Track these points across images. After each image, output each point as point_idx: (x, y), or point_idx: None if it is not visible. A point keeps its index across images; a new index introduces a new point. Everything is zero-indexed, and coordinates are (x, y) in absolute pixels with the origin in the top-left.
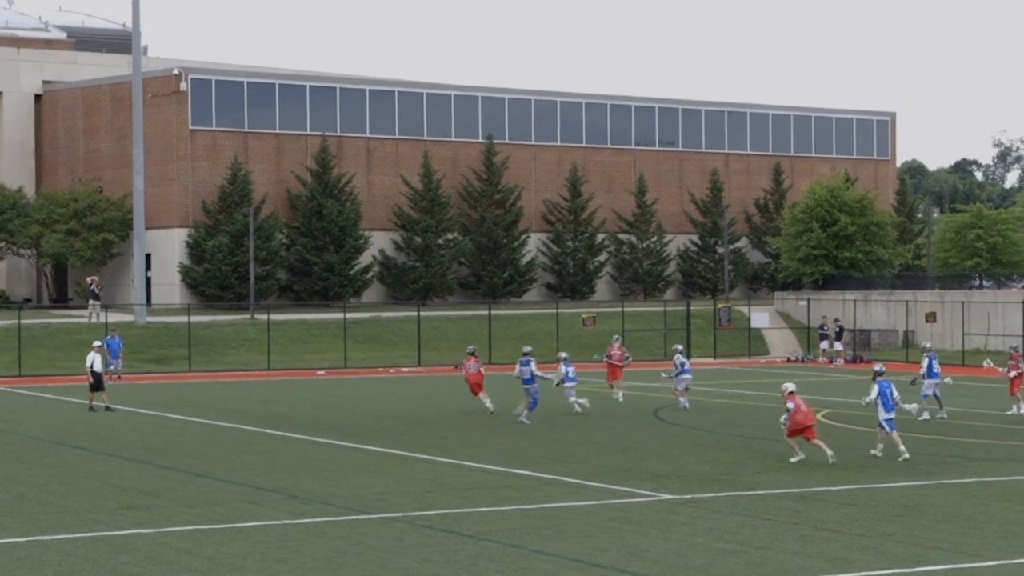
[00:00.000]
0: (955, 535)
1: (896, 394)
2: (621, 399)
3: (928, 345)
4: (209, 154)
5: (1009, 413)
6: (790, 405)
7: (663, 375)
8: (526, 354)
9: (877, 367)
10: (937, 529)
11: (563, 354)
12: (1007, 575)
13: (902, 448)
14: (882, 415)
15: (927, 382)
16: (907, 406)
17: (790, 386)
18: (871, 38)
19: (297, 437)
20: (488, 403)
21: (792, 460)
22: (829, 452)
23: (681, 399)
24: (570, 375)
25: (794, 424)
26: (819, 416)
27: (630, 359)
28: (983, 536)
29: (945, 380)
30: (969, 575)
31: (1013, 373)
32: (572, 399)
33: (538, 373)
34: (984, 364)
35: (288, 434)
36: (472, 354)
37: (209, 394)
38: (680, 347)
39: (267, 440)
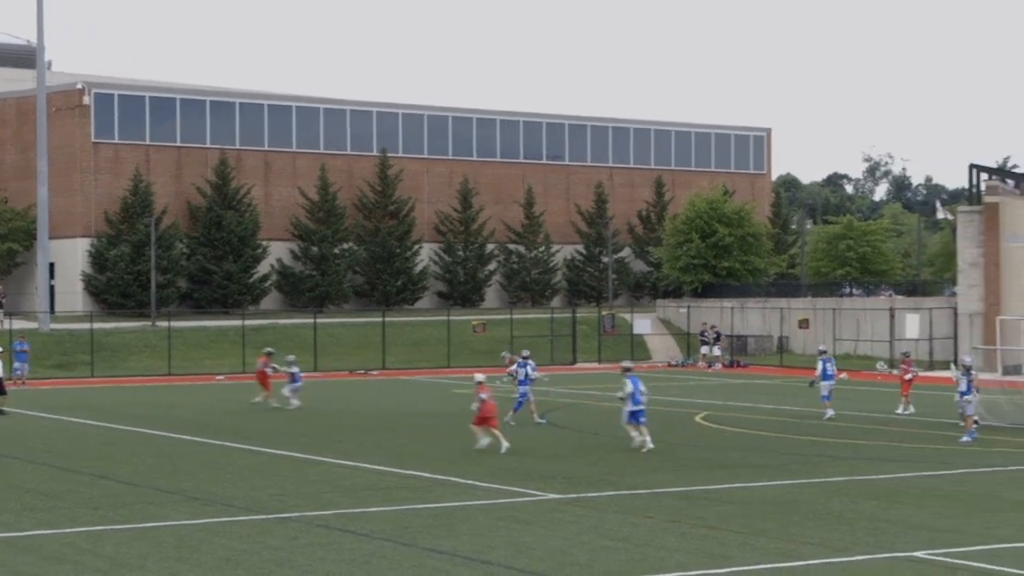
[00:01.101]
0: (826, 531)
1: (643, 388)
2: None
3: (823, 348)
4: (112, 166)
5: (898, 412)
6: (483, 395)
7: (505, 379)
8: (525, 357)
9: (626, 363)
10: (809, 526)
11: (291, 357)
12: (875, 569)
13: (646, 439)
14: (629, 407)
15: (824, 383)
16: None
17: (480, 376)
18: (748, 57)
19: (197, 440)
20: (273, 401)
21: (477, 447)
22: (505, 444)
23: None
24: (297, 376)
25: (481, 413)
26: (697, 418)
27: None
28: (852, 532)
29: (842, 376)
30: (839, 569)
31: (908, 376)
32: (287, 394)
33: (532, 376)
34: (877, 367)
35: (188, 437)
36: (268, 354)
37: (111, 399)
38: (527, 352)
39: (167, 443)
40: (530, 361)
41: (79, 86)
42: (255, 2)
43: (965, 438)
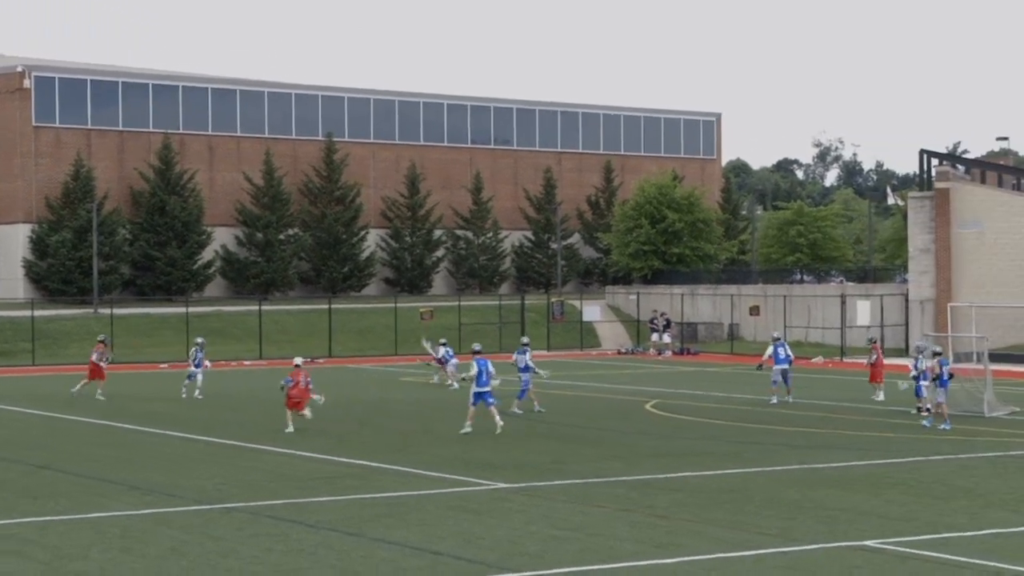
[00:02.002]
0: (779, 520)
1: (492, 370)
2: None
3: (776, 335)
4: (52, 151)
5: (879, 399)
6: (288, 380)
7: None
8: (524, 344)
9: (475, 346)
10: (762, 515)
11: (199, 339)
12: (828, 558)
13: (496, 419)
14: (474, 389)
15: (775, 368)
16: (494, 381)
17: (298, 360)
18: (698, 42)
19: (140, 429)
20: (100, 393)
21: (286, 431)
22: (291, 427)
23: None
24: (200, 362)
25: (289, 397)
26: (647, 406)
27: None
28: (804, 520)
29: (815, 360)
30: (793, 558)
31: (873, 358)
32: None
33: (531, 364)
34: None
35: (131, 426)
36: (102, 341)
37: (52, 387)
38: (444, 340)
39: (110, 432)
40: (528, 349)
41: (19, 69)
42: None
43: (944, 426)
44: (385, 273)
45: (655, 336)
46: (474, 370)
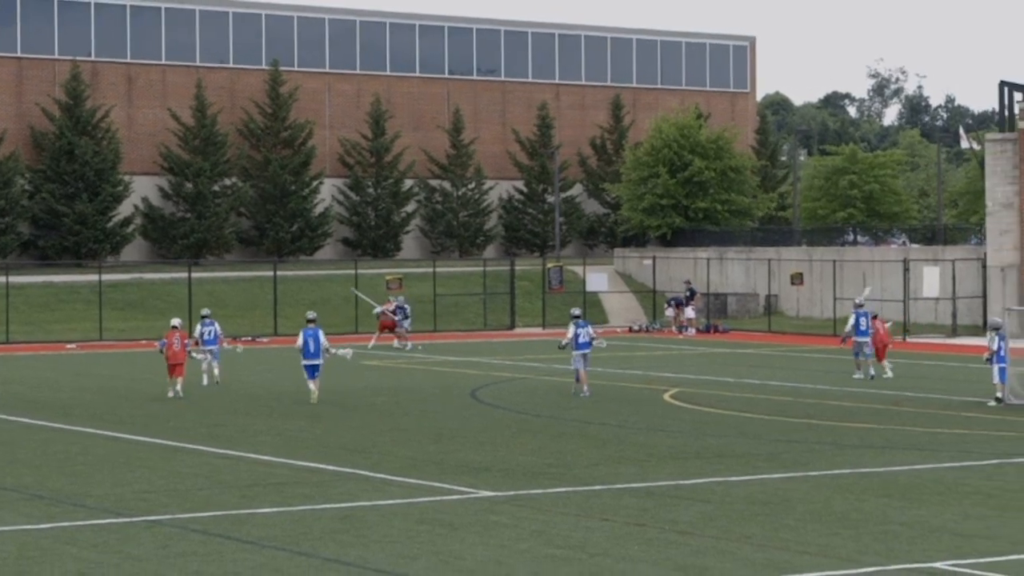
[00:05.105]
0: (825, 536)
1: (324, 341)
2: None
3: (859, 300)
4: None
5: (885, 376)
6: (164, 342)
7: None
8: (578, 316)
9: (310, 314)
10: (805, 530)
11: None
12: None
13: (312, 388)
14: (303, 362)
15: (856, 340)
16: (341, 351)
17: (175, 321)
18: None
19: (41, 424)
20: None
21: (169, 395)
22: (172, 392)
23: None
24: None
25: (170, 359)
26: (666, 396)
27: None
28: (858, 537)
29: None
30: None
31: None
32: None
33: (594, 336)
34: None
35: (30, 420)
36: None
37: None
38: (403, 297)
39: (4, 428)
40: (588, 322)
41: None
42: None
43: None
44: (343, 232)
45: (670, 312)
46: (300, 340)
